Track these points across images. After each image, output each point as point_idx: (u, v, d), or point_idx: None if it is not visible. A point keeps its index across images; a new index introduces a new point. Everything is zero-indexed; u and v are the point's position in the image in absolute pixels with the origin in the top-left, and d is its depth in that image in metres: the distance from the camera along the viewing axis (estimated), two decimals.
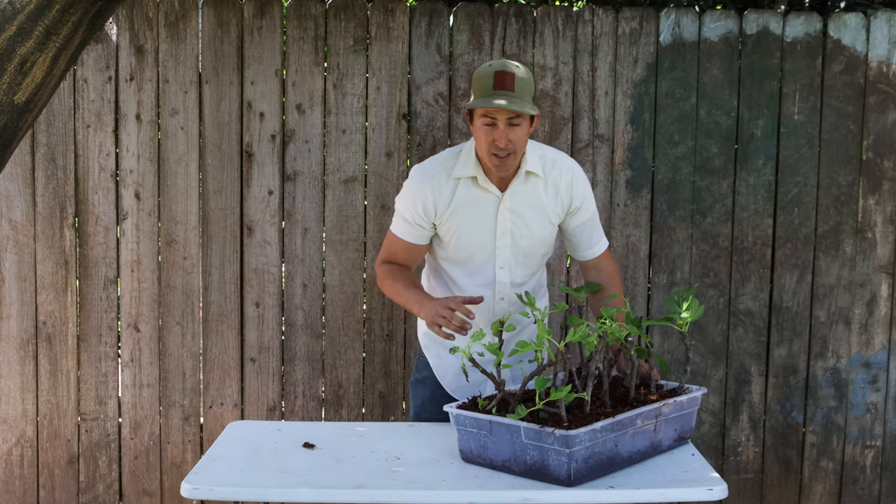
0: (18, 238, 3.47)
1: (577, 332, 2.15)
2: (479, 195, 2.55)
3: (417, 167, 2.62)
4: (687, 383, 2.45)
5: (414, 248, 2.64)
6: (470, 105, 2.43)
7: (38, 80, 2.42)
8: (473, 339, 2.19)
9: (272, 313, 3.55)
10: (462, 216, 2.56)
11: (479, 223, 2.56)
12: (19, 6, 2.33)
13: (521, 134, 2.43)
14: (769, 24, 3.51)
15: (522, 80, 2.43)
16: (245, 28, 3.46)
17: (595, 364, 2.21)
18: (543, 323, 2.19)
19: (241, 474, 2.21)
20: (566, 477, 2.06)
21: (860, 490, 3.66)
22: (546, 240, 2.64)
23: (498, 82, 2.40)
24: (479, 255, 2.60)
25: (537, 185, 2.56)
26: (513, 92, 2.40)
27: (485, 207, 2.55)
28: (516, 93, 2.40)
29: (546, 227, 2.61)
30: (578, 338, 2.16)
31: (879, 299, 3.59)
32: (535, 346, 2.15)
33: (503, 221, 2.56)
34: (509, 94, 2.39)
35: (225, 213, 3.50)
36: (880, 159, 3.55)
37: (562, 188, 2.58)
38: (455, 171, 2.54)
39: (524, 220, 2.57)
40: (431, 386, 2.76)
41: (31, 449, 3.55)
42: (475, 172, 2.52)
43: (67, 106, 3.46)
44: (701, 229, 3.56)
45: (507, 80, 2.40)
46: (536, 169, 2.54)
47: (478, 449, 2.22)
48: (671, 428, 2.32)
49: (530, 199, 2.56)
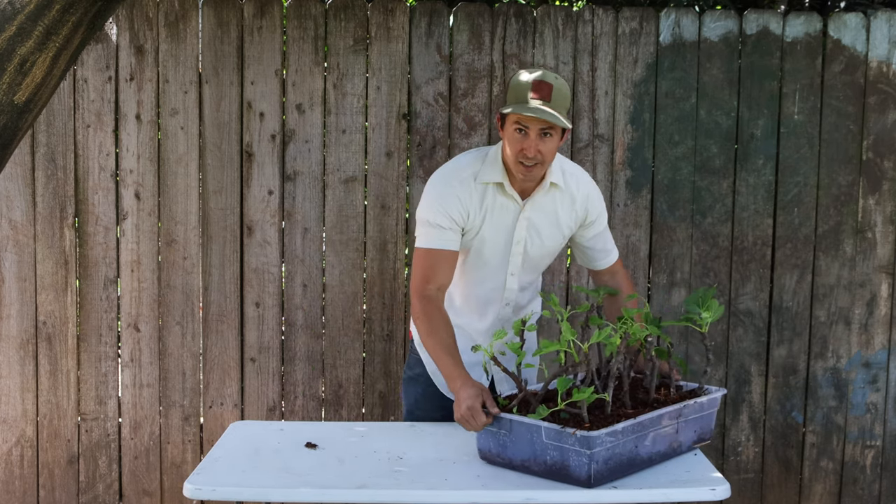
0: (18, 238, 3.47)
1: (601, 333, 2.14)
2: (504, 202, 2.53)
3: (440, 172, 2.57)
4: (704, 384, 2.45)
5: (451, 255, 2.50)
6: (505, 110, 2.40)
7: (38, 80, 2.42)
8: (495, 338, 2.19)
9: (272, 313, 3.54)
10: (488, 222, 2.53)
11: (499, 230, 2.54)
12: (19, 6, 2.33)
13: (551, 146, 2.40)
14: (769, 24, 3.51)
15: (560, 92, 2.39)
16: (245, 28, 3.46)
17: (616, 365, 2.21)
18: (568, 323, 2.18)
19: (243, 474, 2.21)
20: (587, 478, 2.06)
21: (860, 490, 3.67)
22: (554, 251, 2.65)
23: (536, 91, 2.36)
24: (493, 261, 2.59)
25: (556, 197, 2.56)
26: (549, 102, 2.36)
27: (506, 214, 2.53)
28: (553, 104, 2.37)
29: (557, 239, 2.61)
30: (601, 339, 2.15)
31: (879, 299, 3.59)
32: (560, 345, 2.15)
33: (520, 230, 2.55)
34: (547, 105, 2.36)
35: (225, 213, 3.50)
36: (880, 159, 3.55)
37: (577, 202, 2.58)
38: (481, 175, 2.50)
39: (538, 231, 2.57)
40: (424, 384, 2.76)
41: (31, 449, 3.54)
42: (501, 179, 2.49)
43: (67, 106, 3.45)
44: (701, 229, 3.56)
45: (545, 89, 2.36)
46: (559, 181, 2.54)
47: (497, 448, 2.22)
48: (691, 429, 2.32)
49: (548, 211, 2.56)
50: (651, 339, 2.31)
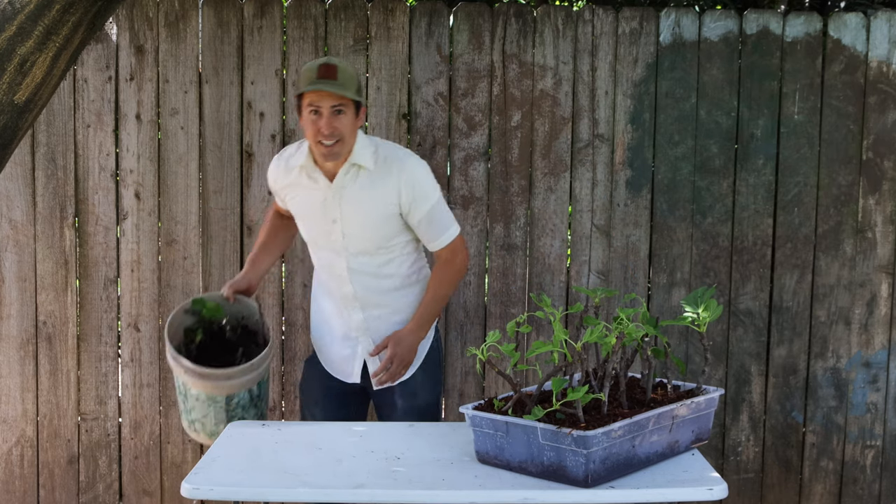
0: (18, 238, 3.47)
1: (593, 332, 2.14)
2: (309, 183, 2.73)
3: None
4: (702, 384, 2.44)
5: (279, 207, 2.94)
6: (296, 92, 2.64)
7: (38, 80, 2.42)
8: (489, 340, 2.22)
9: (272, 313, 3.55)
10: (298, 200, 2.78)
11: (314, 209, 2.74)
12: (19, 6, 2.33)
13: (345, 121, 2.60)
14: (769, 23, 3.51)
15: (346, 71, 2.61)
16: (245, 28, 3.46)
17: (612, 365, 2.21)
18: (559, 323, 2.18)
19: (241, 474, 2.21)
20: (584, 478, 2.06)
21: (860, 490, 3.66)
22: (381, 233, 2.72)
23: (322, 73, 2.58)
24: (319, 241, 2.80)
25: (369, 179, 2.68)
26: (336, 80, 2.57)
27: (315, 194, 2.73)
28: (339, 81, 2.58)
29: (380, 221, 2.70)
30: (595, 338, 2.15)
31: (879, 299, 3.59)
32: (553, 346, 2.15)
33: (332, 209, 2.70)
34: (333, 82, 2.57)
35: (225, 213, 3.50)
36: (880, 159, 3.55)
37: (394, 185, 2.68)
38: (292, 160, 2.76)
39: (355, 211, 2.69)
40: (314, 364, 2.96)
41: (31, 449, 3.55)
42: (305, 162, 2.70)
43: (67, 106, 3.46)
44: (701, 229, 3.56)
45: (331, 71, 2.58)
46: (366, 162, 2.67)
47: (494, 450, 2.22)
48: (689, 429, 2.31)
49: (360, 191, 2.68)
50: (647, 339, 2.31)
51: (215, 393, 2.71)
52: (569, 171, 3.53)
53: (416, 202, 2.69)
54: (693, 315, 2.30)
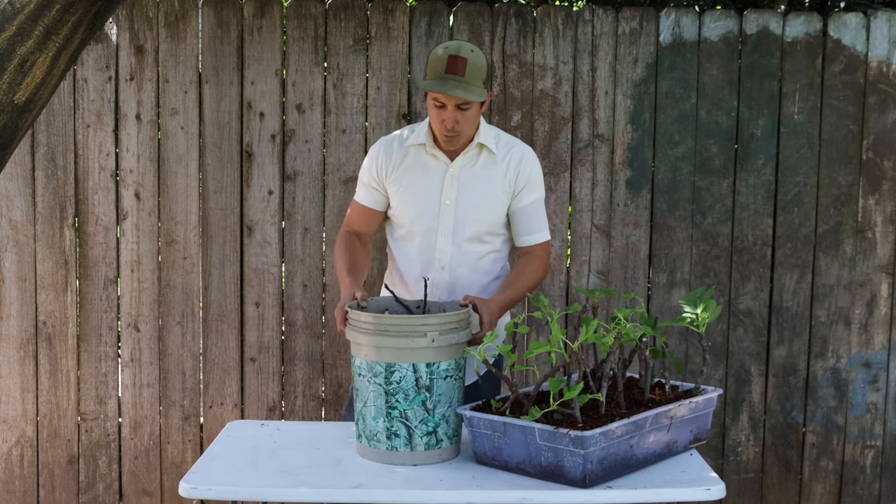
0: (18, 238, 3.47)
1: (587, 330, 2.14)
2: (428, 161, 2.65)
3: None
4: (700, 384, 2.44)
5: (368, 211, 2.74)
6: (422, 86, 2.54)
7: (38, 80, 2.43)
8: (487, 340, 2.21)
9: (272, 313, 3.55)
10: (409, 179, 2.66)
11: (424, 187, 2.65)
12: (19, 6, 2.34)
13: (469, 116, 2.53)
14: (769, 23, 3.51)
15: (474, 64, 2.50)
16: (245, 28, 3.46)
17: (609, 365, 2.21)
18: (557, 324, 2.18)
19: (239, 474, 2.21)
20: (581, 478, 2.05)
21: (860, 490, 3.66)
22: (491, 217, 2.66)
23: (450, 66, 2.48)
24: (424, 220, 2.66)
25: (489, 161, 2.64)
26: (463, 77, 2.47)
27: (432, 173, 2.65)
28: (467, 77, 2.48)
29: (493, 203, 2.65)
30: (593, 338, 2.15)
31: (879, 299, 3.59)
32: (550, 346, 2.15)
33: (448, 188, 2.63)
34: (459, 78, 2.47)
35: (225, 213, 3.50)
36: (880, 159, 3.55)
37: (511, 167, 2.65)
38: (408, 140, 2.67)
39: (469, 191, 2.63)
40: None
41: (31, 449, 3.55)
42: (425, 140, 2.63)
43: (67, 106, 3.46)
44: (701, 229, 3.56)
45: (460, 64, 2.48)
46: (490, 143, 2.63)
47: (492, 451, 2.22)
48: (687, 429, 2.31)
49: (479, 172, 2.64)
50: (646, 339, 2.31)
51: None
52: (569, 171, 3.53)
53: (527, 188, 2.66)
54: (692, 315, 2.30)
